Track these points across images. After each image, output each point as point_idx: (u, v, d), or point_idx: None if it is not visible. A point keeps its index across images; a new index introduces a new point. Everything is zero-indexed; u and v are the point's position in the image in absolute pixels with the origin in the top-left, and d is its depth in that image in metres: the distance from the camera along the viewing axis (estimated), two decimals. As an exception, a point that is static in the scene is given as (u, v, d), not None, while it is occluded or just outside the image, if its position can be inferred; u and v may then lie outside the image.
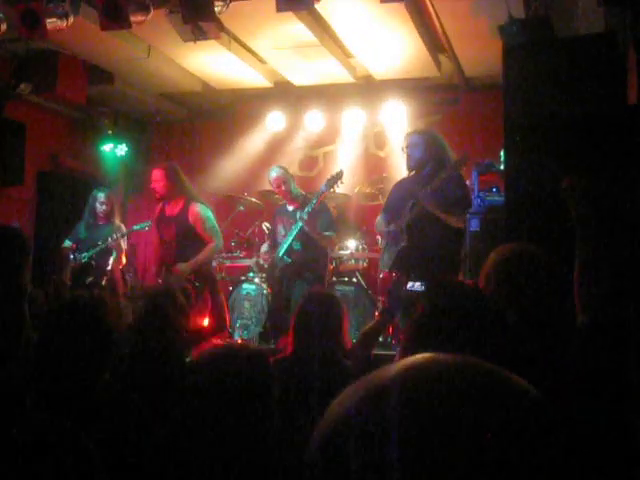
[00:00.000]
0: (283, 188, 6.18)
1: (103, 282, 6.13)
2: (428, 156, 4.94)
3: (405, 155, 5.10)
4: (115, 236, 6.23)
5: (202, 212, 5.90)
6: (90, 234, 6.37)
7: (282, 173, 6.20)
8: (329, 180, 6.02)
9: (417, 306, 1.71)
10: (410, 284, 4.42)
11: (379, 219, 5.25)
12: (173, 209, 5.95)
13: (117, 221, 6.53)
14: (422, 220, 4.78)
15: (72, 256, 6.25)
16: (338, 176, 5.98)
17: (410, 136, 5.17)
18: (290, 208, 6.24)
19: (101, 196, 6.43)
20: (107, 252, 6.25)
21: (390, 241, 5.04)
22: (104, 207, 6.39)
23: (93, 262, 6.19)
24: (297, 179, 6.68)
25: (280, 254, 6.04)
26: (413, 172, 5.11)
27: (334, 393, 0.69)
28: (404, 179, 5.32)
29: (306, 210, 5.86)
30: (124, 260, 6.55)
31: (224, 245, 6.92)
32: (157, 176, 5.90)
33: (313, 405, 2.55)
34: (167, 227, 5.97)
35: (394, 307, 3.53)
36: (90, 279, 6.11)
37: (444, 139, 5.13)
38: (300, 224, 5.90)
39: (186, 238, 5.85)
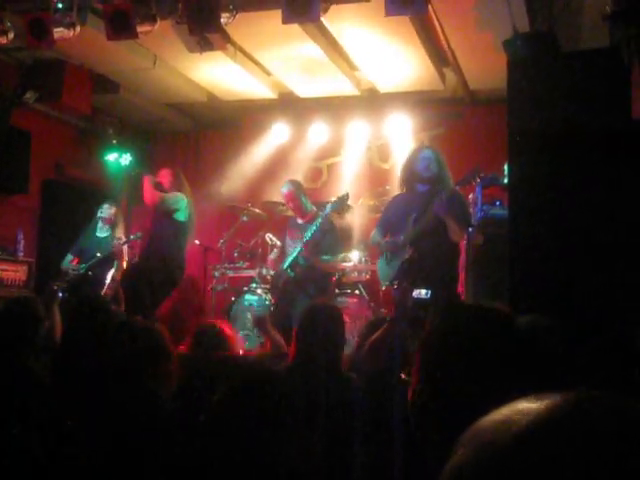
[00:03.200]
0: (293, 205, 6.25)
1: (103, 293, 6.09)
2: (439, 172, 5.14)
3: (412, 166, 5.18)
4: (116, 241, 6.40)
5: (179, 195, 6.41)
6: (90, 244, 6.42)
7: (293, 189, 6.27)
8: (334, 203, 6.00)
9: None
10: (416, 292, 4.45)
11: (374, 233, 5.36)
12: None
13: (119, 231, 6.69)
14: (426, 234, 4.93)
15: (60, 294, 6.21)
16: (343, 200, 6.00)
17: (425, 150, 5.36)
18: (300, 221, 6.27)
19: (107, 206, 6.78)
20: (107, 263, 6.27)
21: (390, 254, 5.12)
22: (109, 216, 6.68)
23: (90, 273, 6.17)
24: (302, 190, 6.71)
25: (284, 267, 6.07)
26: (405, 189, 5.30)
27: (334, 404, 0.68)
28: (400, 195, 5.48)
29: (308, 233, 5.89)
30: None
31: (226, 255, 6.94)
32: (165, 172, 6.63)
33: (313, 417, 2.53)
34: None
35: (401, 316, 3.52)
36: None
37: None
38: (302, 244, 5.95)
39: (162, 222, 6.34)
